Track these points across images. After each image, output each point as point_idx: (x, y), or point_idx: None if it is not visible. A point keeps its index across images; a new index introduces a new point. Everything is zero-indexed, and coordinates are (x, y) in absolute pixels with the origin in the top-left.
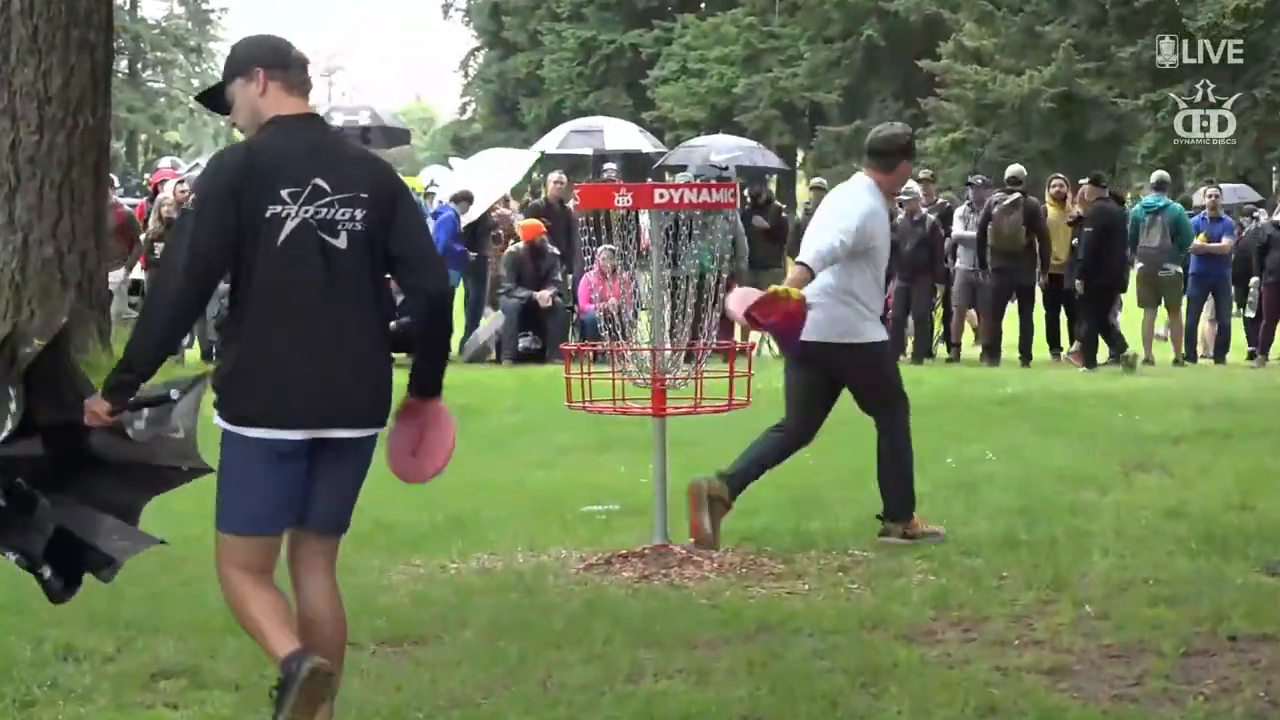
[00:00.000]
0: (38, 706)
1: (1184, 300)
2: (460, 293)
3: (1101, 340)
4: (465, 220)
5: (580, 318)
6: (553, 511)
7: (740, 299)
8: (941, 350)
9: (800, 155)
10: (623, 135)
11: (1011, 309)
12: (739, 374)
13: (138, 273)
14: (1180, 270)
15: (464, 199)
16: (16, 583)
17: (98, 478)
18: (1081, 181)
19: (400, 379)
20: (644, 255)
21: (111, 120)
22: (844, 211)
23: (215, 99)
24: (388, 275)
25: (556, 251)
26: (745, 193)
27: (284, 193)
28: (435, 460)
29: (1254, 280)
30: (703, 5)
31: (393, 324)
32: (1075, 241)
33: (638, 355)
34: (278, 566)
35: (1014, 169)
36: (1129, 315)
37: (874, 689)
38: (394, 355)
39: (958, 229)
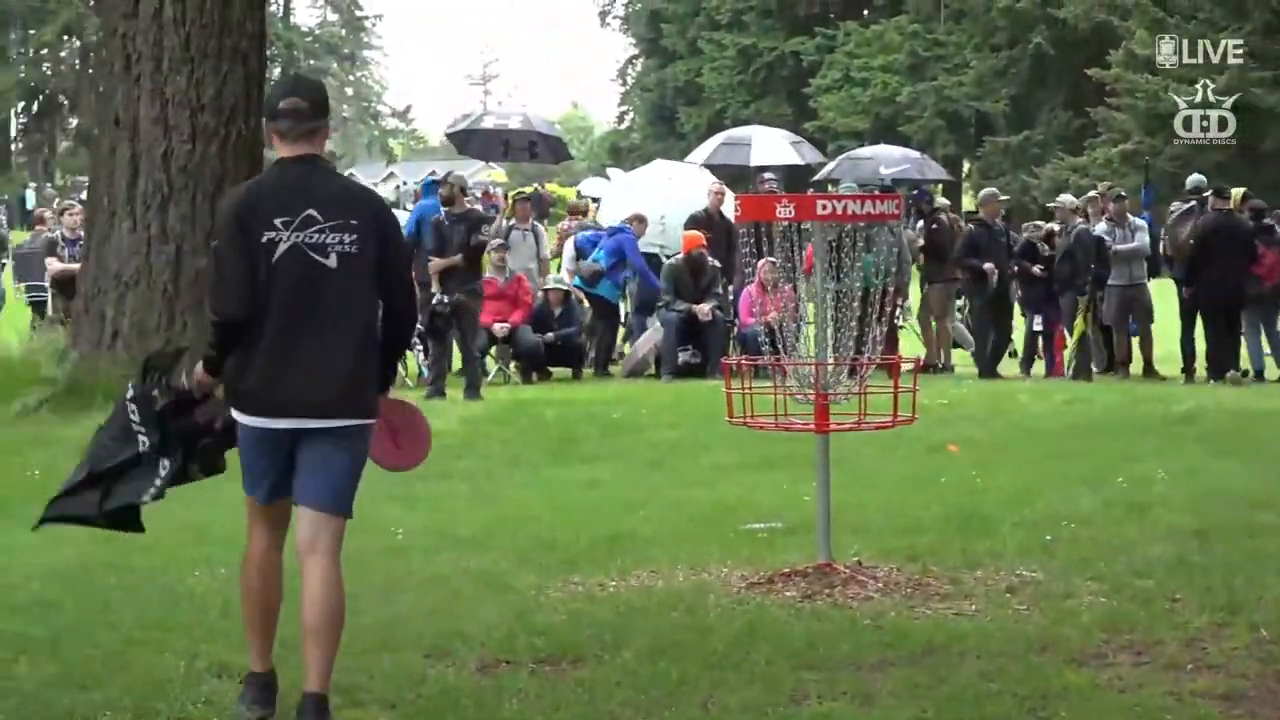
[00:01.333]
0: None
1: None
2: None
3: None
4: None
5: (740, 331)
6: (714, 529)
7: None
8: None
9: (966, 166)
10: (771, 148)
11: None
12: (904, 389)
13: None
14: None
15: (638, 220)
16: (170, 600)
17: None
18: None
19: None
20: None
21: (265, 130)
22: None
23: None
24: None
25: (716, 264)
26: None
27: (277, 221)
28: (417, 448)
29: None
30: (866, 12)
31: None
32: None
33: (800, 370)
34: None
35: (1194, 179)
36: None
37: (1043, 713)
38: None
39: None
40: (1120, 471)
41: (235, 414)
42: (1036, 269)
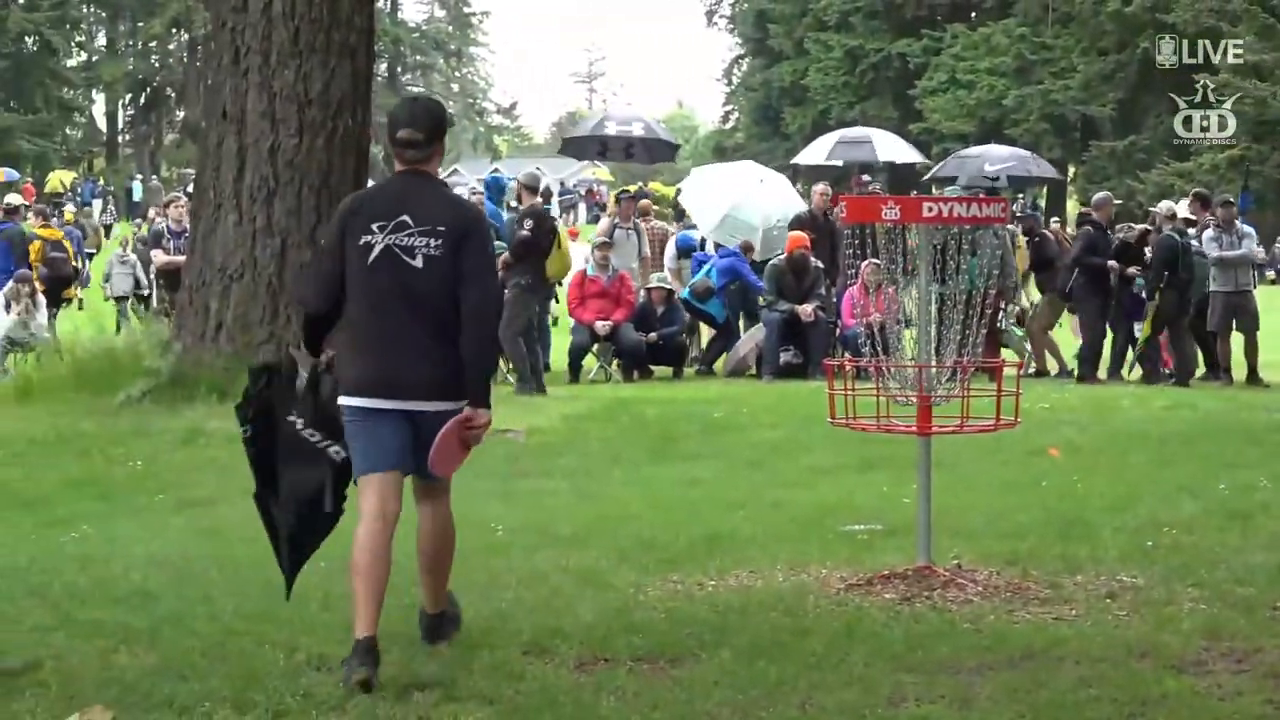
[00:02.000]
0: (290, 716)
1: None
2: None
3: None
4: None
5: (843, 333)
6: (813, 530)
7: None
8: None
9: (1071, 170)
10: (892, 147)
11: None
12: (1006, 393)
13: None
14: None
15: (748, 248)
16: (270, 592)
17: None
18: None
19: None
20: (910, 270)
21: (371, 125)
22: None
23: None
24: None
25: (820, 265)
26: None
27: (374, 225)
28: (442, 465)
29: None
30: (973, 15)
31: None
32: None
33: (902, 372)
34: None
35: None
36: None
37: None
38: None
39: (1213, 251)
40: (1222, 478)
41: (341, 397)
42: (1132, 270)
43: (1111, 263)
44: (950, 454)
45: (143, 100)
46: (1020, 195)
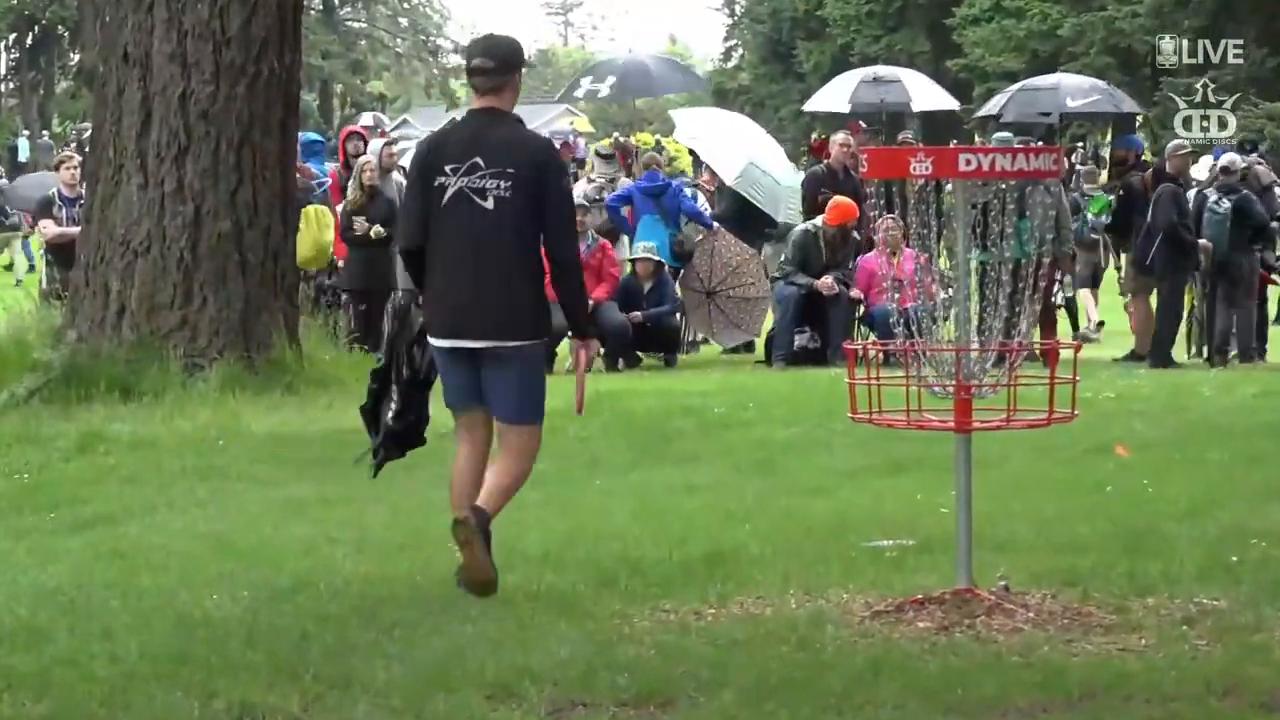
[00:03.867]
0: None
1: None
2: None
3: None
4: None
5: (869, 312)
6: (832, 546)
7: None
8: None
9: (1139, 116)
10: (925, 91)
11: None
12: (1061, 380)
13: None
14: None
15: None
16: (183, 629)
17: None
18: None
19: None
20: (943, 237)
21: (302, 68)
22: None
23: None
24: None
25: (859, 238)
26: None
27: (448, 168)
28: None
29: None
30: None
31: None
32: None
33: (938, 357)
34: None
35: None
36: None
37: None
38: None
39: None
40: None
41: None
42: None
43: (1203, 241)
44: (996, 454)
45: (29, 41)
46: (1080, 143)
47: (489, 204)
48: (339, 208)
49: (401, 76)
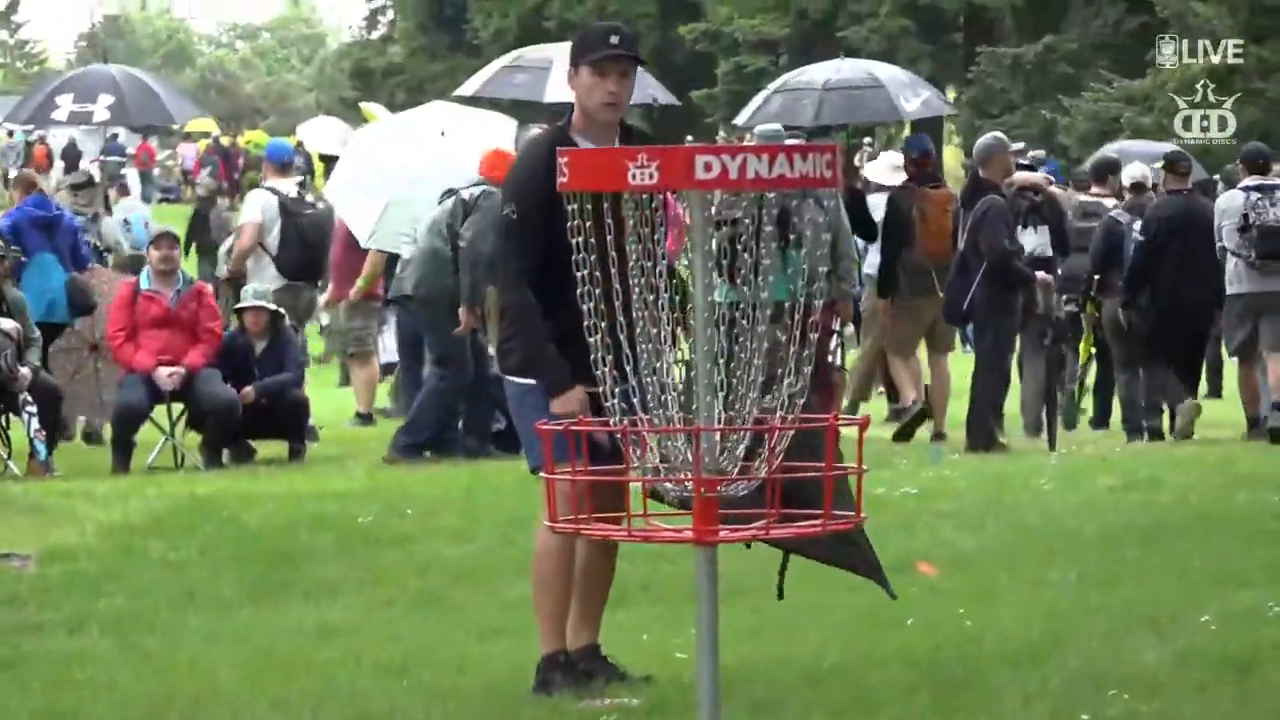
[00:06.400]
0: None
1: None
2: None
3: None
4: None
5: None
6: (527, 712)
7: None
8: None
9: (950, 94)
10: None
11: None
12: (841, 470)
13: None
14: None
15: None
16: None
17: None
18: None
19: None
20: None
21: None
22: None
23: None
24: None
25: None
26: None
27: None
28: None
29: None
30: None
31: None
32: None
33: (668, 440)
34: None
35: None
36: None
37: None
38: None
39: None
40: (1206, 602)
41: None
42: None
43: (1043, 275)
44: (756, 574)
45: None
46: (868, 139)
47: None
48: None
49: None
